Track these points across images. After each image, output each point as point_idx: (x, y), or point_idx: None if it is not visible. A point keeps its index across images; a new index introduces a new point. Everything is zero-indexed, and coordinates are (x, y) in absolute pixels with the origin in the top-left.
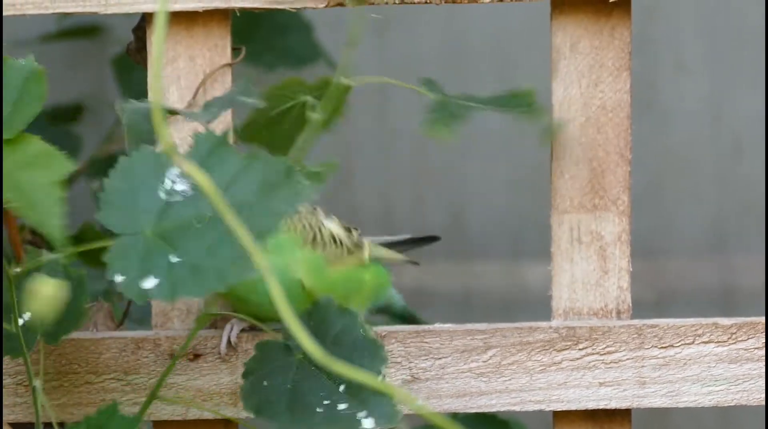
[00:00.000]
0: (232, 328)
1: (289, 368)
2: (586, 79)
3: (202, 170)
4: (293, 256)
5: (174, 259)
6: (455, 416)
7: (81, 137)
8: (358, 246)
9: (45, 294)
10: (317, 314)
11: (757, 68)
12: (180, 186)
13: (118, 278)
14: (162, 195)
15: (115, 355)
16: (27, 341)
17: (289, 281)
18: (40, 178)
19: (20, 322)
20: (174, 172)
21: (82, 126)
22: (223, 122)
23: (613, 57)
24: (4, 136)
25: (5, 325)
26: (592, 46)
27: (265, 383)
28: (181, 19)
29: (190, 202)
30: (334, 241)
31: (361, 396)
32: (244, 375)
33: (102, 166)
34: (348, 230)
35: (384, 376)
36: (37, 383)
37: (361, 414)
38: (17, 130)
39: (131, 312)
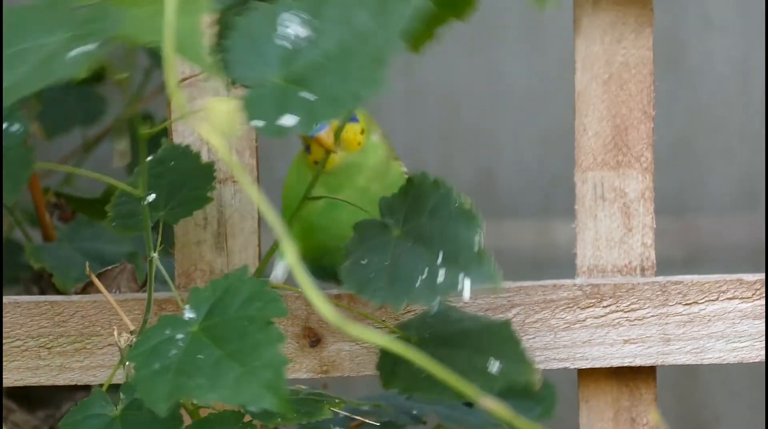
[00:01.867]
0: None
1: (387, 245)
2: (609, 36)
3: (314, 12)
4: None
5: (310, 97)
6: None
7: (105, 99)
8: None
9: (222, 110)
10: (413, 190)
11: None
12: (301, 31)
13: (258, 123)
14: (285, 43)
15: (138, 316)
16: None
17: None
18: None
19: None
20: (287, 17)
21: (106, 87)
22: None
23: (636, 13)
24: None
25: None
26: (615, 2)
27: (364, 261)
28: None
29: (313, 43)
30: None
31: (460, 263)
32: (345, 255)
33: (127, 127)
34: None
35: (481, 242)
36: (155, 255)
37: (460, 275)
38: None
39: (155, 273)
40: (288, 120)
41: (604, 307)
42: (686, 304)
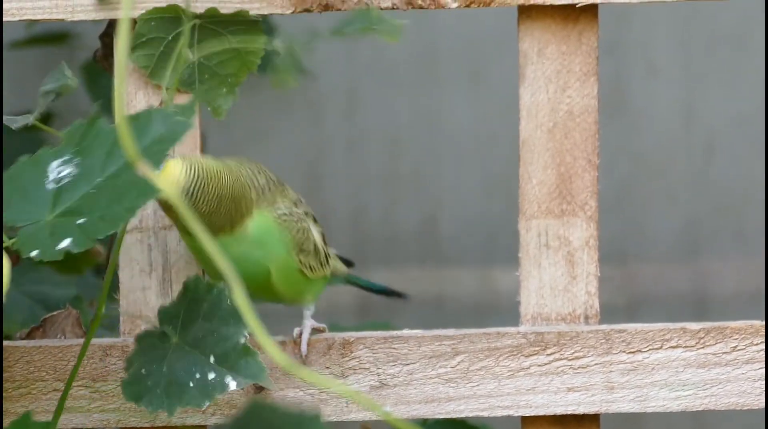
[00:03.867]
0: None
1: (166, 353)
2: (554, 85)
3: (81, 153)
4: (278, 254)
5: (81, 220)
6: (425, 423)
7: (50, 143)
8: (328, 257)
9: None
10: (189, 294)
11: (729, 70)
12: (66, 170)
13: (34, 253)
14: (51, 185)
15: (82, 362)
16: None
17: (260, 268)
18: None
19: None
20: (55, 163)
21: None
22: None
23: (581, 62)
24: None
25: None
26: (560, 52)
27: (143, 371)
28: None
29: (80, 179)
30: (316, 251)
31: (229, 362)
32: (126, 368)
33: None
34: (323, 237)
35: (248, 337)
36: None
37: (228, 378)
38: None
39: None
40: (63, 244)
41: (548, 354)
42: (630, 353)
